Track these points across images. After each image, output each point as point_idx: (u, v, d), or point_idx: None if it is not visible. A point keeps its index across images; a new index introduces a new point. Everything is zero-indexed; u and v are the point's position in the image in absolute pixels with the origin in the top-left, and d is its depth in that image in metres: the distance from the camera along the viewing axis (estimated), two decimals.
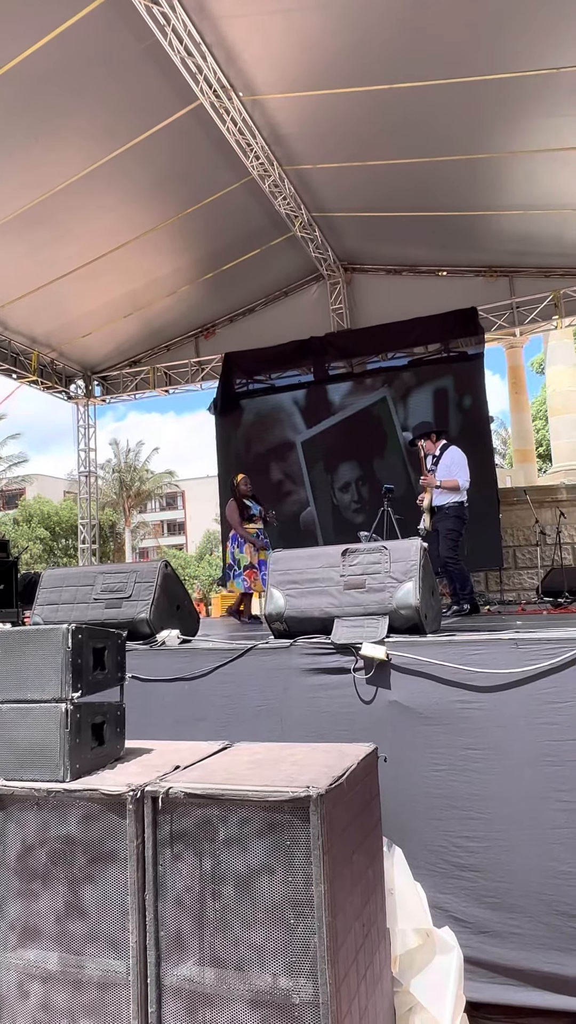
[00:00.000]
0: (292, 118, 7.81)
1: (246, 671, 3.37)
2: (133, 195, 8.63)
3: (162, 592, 3.94)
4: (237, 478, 7.61)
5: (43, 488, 41.16)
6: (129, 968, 1.88)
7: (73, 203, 8.23)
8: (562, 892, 2.64)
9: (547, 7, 5.73)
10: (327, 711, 3.17)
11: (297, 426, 11.19)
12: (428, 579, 3.47)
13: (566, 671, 2.78)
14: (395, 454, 10.43)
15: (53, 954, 1.96)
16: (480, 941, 2.71)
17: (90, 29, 6.11)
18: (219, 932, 1.84)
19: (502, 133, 7.49)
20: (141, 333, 11.96)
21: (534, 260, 10.15)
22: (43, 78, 6.54)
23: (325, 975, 1.74)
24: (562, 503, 10.02)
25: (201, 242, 9.90)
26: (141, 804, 1.92)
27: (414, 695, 3.02)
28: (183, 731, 3.22)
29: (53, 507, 35.46)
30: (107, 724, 2.30)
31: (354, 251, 10.98)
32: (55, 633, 2.18)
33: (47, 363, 12.03)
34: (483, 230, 9.50)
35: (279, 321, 11.59)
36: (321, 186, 9.15)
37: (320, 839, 1.77)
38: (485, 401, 10.14)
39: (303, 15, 6.16)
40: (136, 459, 39.73)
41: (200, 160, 8.27)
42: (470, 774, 2.85)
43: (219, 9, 6.26)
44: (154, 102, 7.28)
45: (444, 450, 6.42)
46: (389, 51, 6.48)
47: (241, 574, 7.21)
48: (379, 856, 2.32)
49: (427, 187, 8.63)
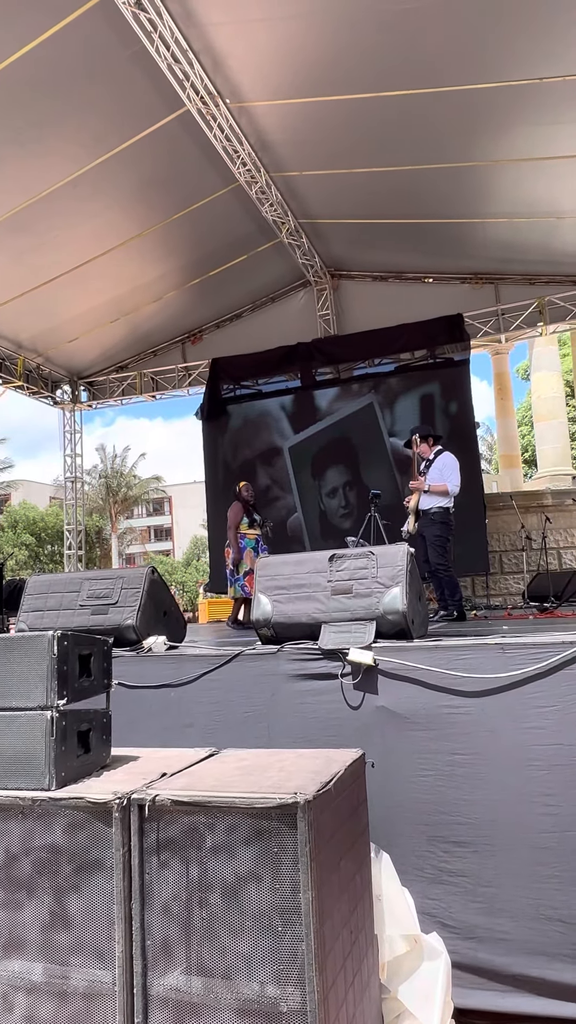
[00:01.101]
0: (279, 125, 7.84)
1: (233, 677, 3.36)
2: (120, 200, 8.62)
3: (149, 598, 3.92)
4: (240, 485, 7.62)
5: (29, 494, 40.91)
6: (115, 978, 1.86)
7: (59, 208, 8.22)
8: (549, 896, 2.65)
9: (530, 19, 5.80)
10: (314, 717, 3.16)
11: (284, 432, 11.20)
12: (415, 584, 3.48)
13: (552, 675, 2.80)
14: (382, 459, 10.47)
15: (38, 965, 1.94)
16: (468, 946, 2.71)
17: (77, 35, 6.10)
18: (206, 941, 1.82)
19: (487, 142, 7.56)
20: (128, 338, 11.94)
21: (519, 267, 10.24)
22: (29, 83, 6.53)
23: (313, 983, 1.73)
24: (547, 508, 10.09)
25: (188, 248, 9.91)
26: (127, 812, 1.91)
27: (401, 700, 3.02)
28: (170, 738, 3.20)
29: (39, 513, 35.24)
30: (93, 731, 2.28)
31: (341, 258, 11.02)
32: (40, 640, 2.17)
33: (33, 368, 11.97)
34: (469, 237, 9.58)
35: (266, 327, 11.61)
36: (308, 193, 9.19)
37: (308, 846, 1.77)
38: (471, 407, 10.20)
39: (289, 23, 6.19)
40: (123, 464, 39.62)
41: (187, 166, 8.28)
42: (457, 779, 2.86)
43: (206, 16, 6.28)
44: (141, 108, 7.29)
45: (438, 455, 6.44)
46: (375, 60, 6.53)
47: (241, 579, 7.19)
48: (367, 862, 2.31)
49: (413, 194, 8.69)
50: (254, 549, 7.19)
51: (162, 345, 12.42)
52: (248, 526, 7.26)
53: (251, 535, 7.25)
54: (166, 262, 10.14)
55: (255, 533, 7.27)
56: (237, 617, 7.33)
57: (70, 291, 9.90)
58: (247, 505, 7.38)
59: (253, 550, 7.18)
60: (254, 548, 7.20)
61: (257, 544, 7.24)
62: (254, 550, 7.18)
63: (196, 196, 8.82)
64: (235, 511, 7.33)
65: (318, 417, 11.00)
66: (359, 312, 11.15)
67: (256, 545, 7.23)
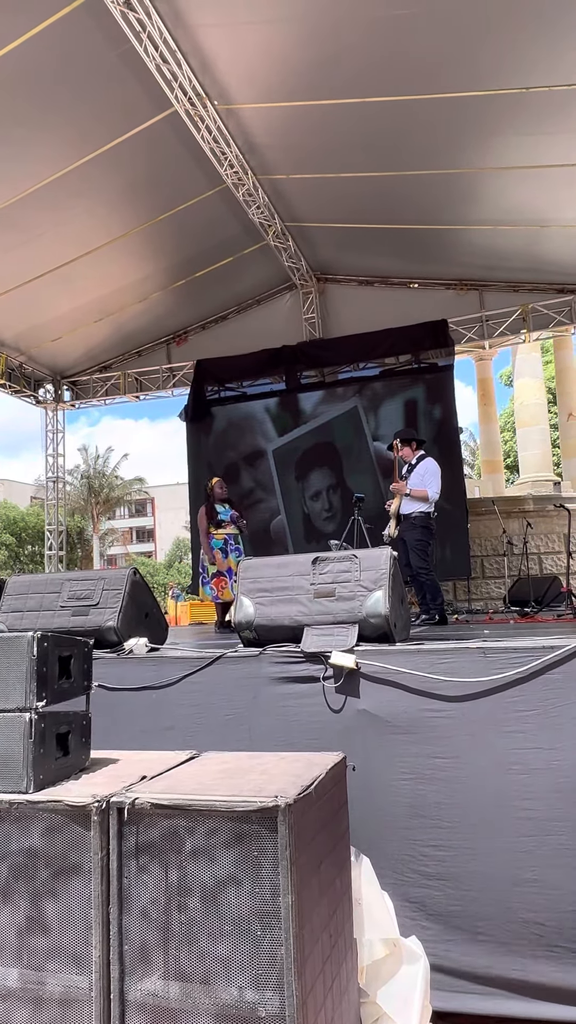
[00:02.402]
0: (267, 128, 7.85)
1: (215, 680, 3.35)
2: (105, 200, 8.58)
3: (130, 600, 3.90)
4: (212, 482, 7.42)
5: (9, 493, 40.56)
6: (92, 984, 1.84)
7: (44, 207, 8.16)
8: (528, 900, 2.66)
9: (518, 29, 5.86)
10: (296, 720, 3.15)
11: (268, 434, 11.20)
12: (398, 588, 3.49)
13: (533, 680, 2.82)
14: (366, 463, 10.49)
15: (13, 970, 1.91)
16: (447, 949, 2.72)
17: (65, 33, 6.07)
18: (184, 945, 1.81)
19: (474, 149, 7.62)
20: (112, 338, 11.87)
21: (504, 275, 10.33)
22: (15, 81, 6.48)
23: (292, 987, 1.72)
24: (529, 514, 10.18)
25: (174, 249, 9.88)
26: (106, 815, 1.89)
27: (383, 704, 3.02)
28: (150, 740, 3.18)
29: (19, 512, 34.95)
30: (72, 734, 2.26)
31: (327, 261, 11.05)
32: (20, 641, 2.14)
33: (15, 367, 11.86)
34: (454, 244, 9.65)
35: (251, 329, 11.60)
36: (295, 196, 9.21)
37: (288, 849, 1.76)
38: (455, 412, 10.27)
39: (278, 27, 6.20)
40: (105, 465, 39.39)
41: (174, 167, 8.26)
42: (437, 783, 2.86)
43: (195, 18, 6.28)
44: (128, 108, 7.26)
45: (420, 460, 6.47)
46: (363, 66, 6.55)
47: (209, 582, 7.07)
48: (347, 866, 2.31)
49: (399, 200, 8.74)
50: (221, 550, 6.98)
51: (147, 346, 12.37)
52: (216, 526, 7.07)
53: (219, 535, 7.01)
54: (152, 263, 10.10)
55: (224, 533, 7.04)
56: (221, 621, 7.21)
57: (54, 290, 9.83)
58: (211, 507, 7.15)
59: (221, 551, 6.98)
60: (221, 549, 6.99)
61: (225, 544, 7.02)
62: (221, 551, 6.98)
63: (183, 197, 8.80)
64: (201, 515, 7.16)
65: (302, 420, 11.01)
66: (345, 316, 11.18)
67: (224, 546, 7.01)
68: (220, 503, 7.20)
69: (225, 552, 6.99)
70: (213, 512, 7.10)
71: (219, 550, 7.00)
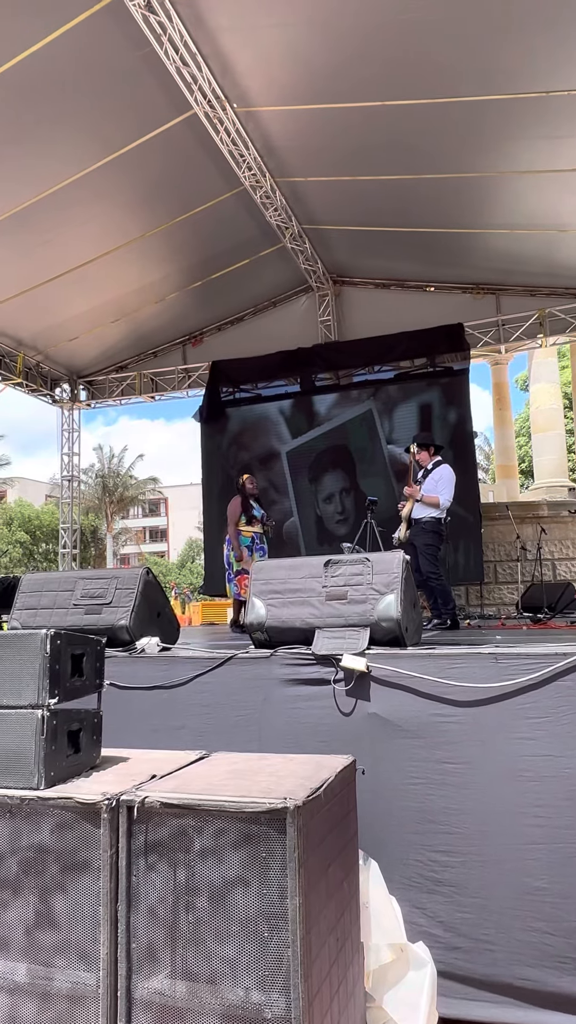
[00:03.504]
0: (285, 131, 7.86)
1: (225, 680, 3.35)
2: (124, 201, 8.63)
3: (143, 599, 3.91)
4: (243, 477, 7.35)
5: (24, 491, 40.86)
6: (99, 980, 1.85)
7: (64, 207, 8.22)
8: (537, 908, 2.64)
9: (538, 32, 5.84)
10: (306, 722, 3.15)
11: (282, 436, 11.20)
12: (410, 592, 3.48)
13: (545, 687, 2.80)
14: (379, 466, 10.48)
15: (22, 965, 1.93)
16: (454, 956, 2.70)
17: (87, 36, 6.12)
18: (192, 945, 1.81)
19: (491, 153, 7.59)
20: (128, 339, 11.93)
21: (520, 279, 10.28)
22: (38, 83, 6.54)
23: (298, 989, 1.72)
24: (543, 519, 10.11)
25: (191, 250, 9.92)
26: (116, 813, 1.90)
27: (393, 708, 3.01)
28: (160, 740, 3.19)
29: (34, 511, 35.20)
30: (83, 731, 2.27)
31: (343, 264, 11.05)
32: (33, 638, 2.16)
33: (33, 366, 11.96)
34: (471, 248, 9.62)
35: (267, 331, 11.62)
36: (312, 199, 9.22)
37: (296, 851, 1.76)
38: (470, 416, 10.23)
39: (299, 30, 6.22)
40: (120, 465, 39.56)
41: (192, 169, 8.30)
42: (447, 788, 2.85)
43: (215, 21, 6.30)
44: (148, 110, 7.30)
45: (436, 466, 6.45)
46: (382, 69, 6.56)
47: (233, 579, 6.93)
48: (355, 869, 2.31)
49: (416, 204, 8.72)
50: (248, 548, 6.90)
51: (163, 346, 12.42)
52: (246, 523, 6.98)
53: (247, 532, 6.93)
54: (169, 264, 10.15)
55: (252, 531, 6.97)
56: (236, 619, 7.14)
57: (72, 290, 9.90)
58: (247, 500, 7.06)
59: (248, 548, 6.89)
60: (248, 547, 6.91)
61: (252, 543, 6.96)
62: (248, 549, 6.89)
63: (201, 199, 8.84)
64: (235, 505, 7.02)
65: (316, 422, 11.02)
66: (360, 319, 11.18)
67: (251, 544, 6.94)
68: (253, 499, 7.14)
69: (251, 550, 6.91)
70: (249, 506, 7.02)
71: (246, 548, 6.91)
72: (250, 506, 7.05)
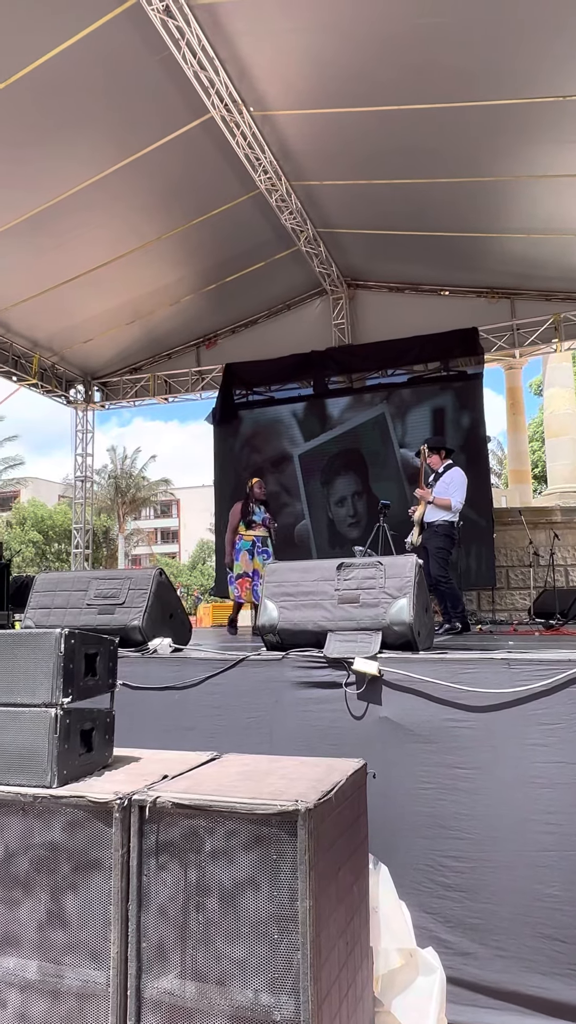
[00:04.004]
0: (301, 134, 7.88)
1: (237, 682, 3.36)
2: (140, 204, 8.68)
3: (156, 600, 3.93)
4: (252, 481, 7.44)
5: (38, 491, 41.11)
6: (109, 979, 1.86)
7: (81, 209, 8.27)
8: (548, 916, 2.63)
9: (557, 37, 5.82)
10: (317, 725, 3.15)
11: (295, 439, 11.21)
12: (422, 596, 3.48)
13: (558, 693, 2.78)
14: (392, 470, 10.45)
15: (32, 963, 1.94)
16: (464, 963, 2.69)
17: (106, 40, 6.16)
18: (201, 945, 1.82)
19: (508, 157, 7.57)
20: (143, 340, 11.99)
21: (536, 283, 10.23)
22: (56, 86, 6.59)
23: (308, 992, 1.72)
24: (556, 525, 10.05)
25: (206, 253, 9.95)
26: (128, 813, 1.91)
27: (405, 712, 3.01)
28: (171, 740, 3.20)
29: (47, 511, 35.40)
30: (96, 731, 2.29)
31: (358, 267, 11.05)
32: (48, 637, 2.17)
33: (48, 367, 12.04)
34: (486, 252, 9.58)
35: (281, 334, 11.63)
36: (327, 202, 9.23)
37: (307, 854, 1.76)
38: (483, 421, 10.18)
39: (316, 35, 6.23)
40: (132, 466, 39.73)
41: (208, 172, 8.33)
42: (458, 793, 2.84)
43: (233, 25, 6.33)
44: (165, 114, 7.34)
45: (447, 469, 6.44)
46: (399, 73, 6.55)
47: (234, 582, 7.08)
48: (365, 873, 2.30)
49: (432, 207, 8.71)
50: (248, 551, 6.98)
51: (176, 348, 12.47)
52: (246, 527, 7.08)
53: (248, 536, 7.03)
54: (184, 266, 10.19)
55: (253, 535, 7.06)
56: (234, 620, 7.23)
57: (88, 291, 9.96)
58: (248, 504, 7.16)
59: (248, 552, 6.98)
60: (249, 550, 6.99)
61: (253, 547, 7.03)
62: (248, 552, 6.98)
63: (216, 202, 8.87)
64: (235, 511, 7.16)
65: (329, 426, 11.01)
66: (374, 322, 11.17)
67: (252, 547, 7.02)
68: (257, 503, 7.19)
69: (252, 553, 6.99)
70: (248, 511, 7.10)
71: (246, 551, 7.00)
72: (250, 511, 7.12)
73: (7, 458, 36.76)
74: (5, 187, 7.81)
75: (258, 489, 7.26)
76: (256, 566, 6.92)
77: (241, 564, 6.97)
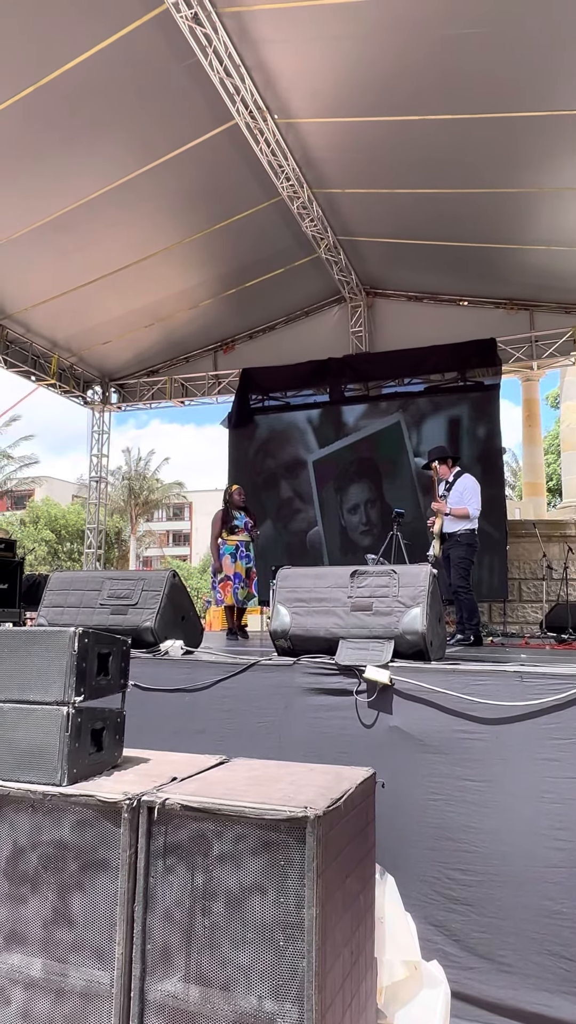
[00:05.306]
0: (324, 143, 7.91)
1: (248, 686, 3.36)
2: (163, 208, 8.74)
3: (168, 602, 3.94)
4: (232, 488, 7.60)
5: (52, 491, 41.34)
6: (113, 980, 1.86)
7: (104, 212, 8.34)
8: (555, 932, 2.60)
9: None
10: (327, 732, 3.14)
11: (310, 445, 11.22)
12: (435, 606, 3.46)
13: (570, 708, 2.76)
14: (406, 479, 10.43)
15: (37, 960, 1.94)
16: (468, 977, 2.66)
17: (134, 45, 6.23)
18: (207, 949, 1.81)
19: (530, 169, 7.56)
20: (161, 343, 12.05)
21: (555, 295, 10.20)
22: (86, 89, 6.66)
23: (312, 1000, 1.71)
24: (570, 538, 9.98)
25: (226, 258, 10.00)
26: (137, 813, 1.91)
27: (415, 722, 2.99)
28: (181, 742, 3.20)
29: (60, 510, 35.60)
30: (107, 730, 2.29)
31: (377, 276, 11.06)
32: (62, 636, 2.18)
33: (66, 367, 12.13)
34: (506, 263, 9.56)
35: (298, 340, 11.66)
36: (348, 210, 9.25)
37: (315, 861, 1.75)
38: (499, 432, 10.15)
39: (343, 44, 6.26)
40: (146, 468, 39.89)
41: (231, 178, 8.38)
42: (468, 806, 2.82)
43: (260, 33, 6.37)
44: (190, 119, 7.40)
45: (458, 477, 6.42)
46: (425, 83, 6.57)
47: (217, 586, 7.19)
48: (371, 883, 2.29)
49: (452, 218, 8.71)
50: (232, 555, 7.12)
51: (194, 352, 12.52)
52: (229, 532, 7.21)
53: (231, 541, 7.18)
54: (204, 271, 10.24)
55: (236, 539, 7.20)
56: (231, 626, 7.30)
57: (108, 294, 10.03)
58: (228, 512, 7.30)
59: (231, 556, 7.12)
60: (232, 554, 7.13)
61: (236, 551, 7.16)
62: (232, 556, 7.12)
63: (238, 208, 8.92)
64: (216, 518, 7.31)
65: (344, 433, 11.02)
66: (392, 331, 11.16)
67: (235, 552, 7.15)
68: (237, 510, 7.32)
69: (235, 557, 7.11)
70: (229, 517, 7.25)
71: (229, 555, 7.13)
72: (231, 517, 7.26)
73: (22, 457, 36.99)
74: (31, 188, 7.90)
75: (237, 496, 7.43)
76: (239, 569, 7.07)
77: (224, 569, 7.07)
